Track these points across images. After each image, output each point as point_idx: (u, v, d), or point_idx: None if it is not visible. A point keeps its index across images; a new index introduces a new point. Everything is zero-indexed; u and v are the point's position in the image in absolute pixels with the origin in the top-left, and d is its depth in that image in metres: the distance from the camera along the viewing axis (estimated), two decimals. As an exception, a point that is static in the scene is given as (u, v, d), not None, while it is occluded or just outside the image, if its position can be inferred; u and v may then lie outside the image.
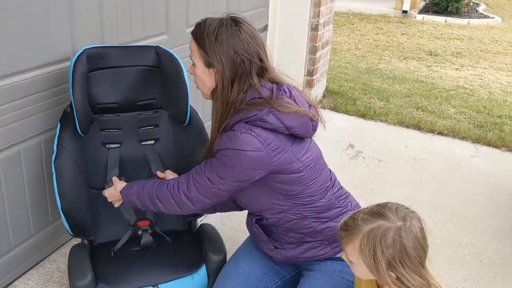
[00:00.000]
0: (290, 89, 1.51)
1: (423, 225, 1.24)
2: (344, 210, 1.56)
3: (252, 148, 1.38)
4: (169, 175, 1.79)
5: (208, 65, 1.47)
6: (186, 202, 1.51)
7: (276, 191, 1.48)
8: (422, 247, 1.21)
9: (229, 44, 1.43)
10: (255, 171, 1.40)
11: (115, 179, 1.76)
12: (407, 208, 1.26)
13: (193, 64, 1.52)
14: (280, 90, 1.49)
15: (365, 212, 1.25)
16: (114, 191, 1.70)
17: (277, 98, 1.45)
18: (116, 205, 1.75)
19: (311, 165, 1.48)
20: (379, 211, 1.24)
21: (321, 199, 1.52)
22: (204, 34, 1.46)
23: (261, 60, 1.49)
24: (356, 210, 1.29)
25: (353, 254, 1.25)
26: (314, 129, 1.50)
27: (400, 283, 1.20)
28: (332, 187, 1.57)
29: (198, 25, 1.50)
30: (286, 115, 1.41)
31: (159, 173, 1.84)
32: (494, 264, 2.33)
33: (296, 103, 1.46)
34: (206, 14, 2.97)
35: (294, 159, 1.43)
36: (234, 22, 1.47)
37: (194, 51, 1.50)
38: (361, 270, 1.26)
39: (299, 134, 1.45)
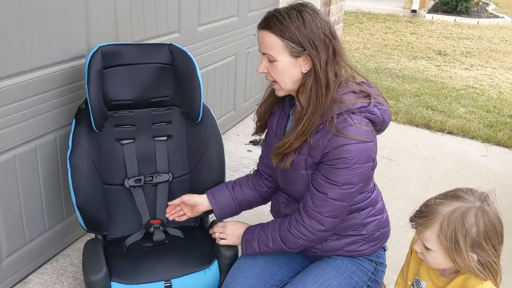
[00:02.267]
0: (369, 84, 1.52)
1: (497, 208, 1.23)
2: (383, 206, 1.62)
3: (369, 138, 1.38)
4: (186, 197, 1.75)
5: (298, 54, 1.37)
6: (322, 235, 1.48)
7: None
8: (501, 224, 1.21)
9: (317, 26, 1.35)
10: (372, 162, 1.42)
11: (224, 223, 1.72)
12: (480, 191, 1.25)
13: (270, 61, 1.41)
14: (364, 83, 1.50)
15: (439, 198, 1.25)
16: (234, 232, 1.65)
17: (370, 87, 1.47)
18: (222, 242, 1.69)
19: None
20: (454, 194, 1.23)
21: (372, 192, 1.57)
22: (287, 22, 1.35)
23: (339, 46, 1.42)
24: (428, 199, 1.28)
25: (431, 240, 1.22)
26: None
27: (480, 265, 1.18)
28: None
29: (274, 17, 1.38)
30: (385, 110, 1.44)
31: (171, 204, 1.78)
32: (505, 263, 2.31)
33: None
34: (218, 13, 3.01)
35: None
36: (308, 7, 1.39)
37: (274, 45, 1.38)
38: (438, 258, 1.24)
39: (380, 130, 1.47)
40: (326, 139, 1.38)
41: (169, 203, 1.78)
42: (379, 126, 1.45)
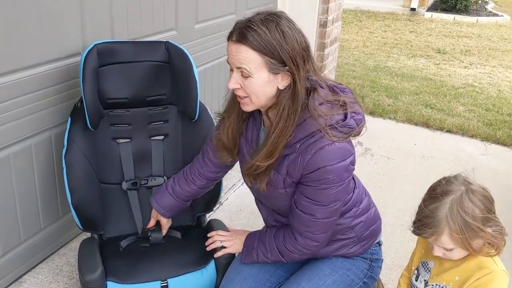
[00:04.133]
0: (345, 89, 1.43)
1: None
2: (369, 201, 1.58)
3: (349, 153, 1.32)
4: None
5: (277, 71, 1.26)
6: (316, 249, 1.47)
7: None
8: (488, 191, 1.28)
9: (297, 40, 1.25)
10: (353, 171, 1.38)
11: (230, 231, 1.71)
12: (454, 176, 1.30)
13: (244, 76, 1.28)
14: (337, 88, 1.40)
15: (429, 204, 1.28)
16: (238, 239, 1.64)
17: (344, 93, 1.38)
18: (224, 251, 1.67)
19: None
20: (440, 193, 1.27)
21: (353, 192, 1.51)
22: (267, 37, 1.23)
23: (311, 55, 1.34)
24: (418, 210, 1.31)
25: (448, 243, 1.26)
26: None
27: (497, 233, 1.26)
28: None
29: (251, 29, 1.24)
30: (360, 120, 1.35)
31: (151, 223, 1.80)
32: (504, 263, 2.30)
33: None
34: (215, 10, 2.99)
35: None
36: (282, 17, 1.28)
37: (252, 61, 1.25)
38: (460, 251, 1.29)
39: (355, 138, 1.39)
40: (305, 159, 1.30)
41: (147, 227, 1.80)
42: (355, 136, 1.37)
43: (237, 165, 1.62)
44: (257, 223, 2.37)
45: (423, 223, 1.28)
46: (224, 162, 1.59)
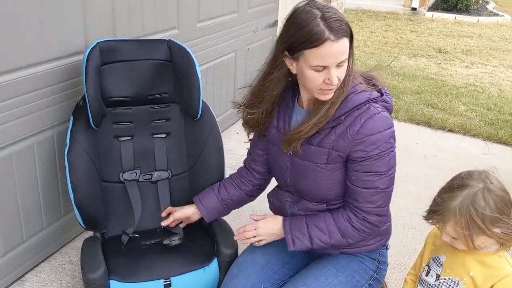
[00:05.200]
0: None
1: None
2: None
3: (392, 123, 1.41)
4: (177, 214, 1.78)
5: (349, 55, 1.38)
6: (383, 223, 1.52)
7: None
8: (508, 194, 1.26)
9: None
10: None
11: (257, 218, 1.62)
12: (478, 171, 1.28)
13: (340, 66, 1.35)
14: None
15: (444, 192, 1.29)
16: (270, 231, 1.58)
17: (370, 74, 1.50)
18: (260, 244, 1.60)
19: None
20: (458, 185, 1.26)
21: None
22: (344, 19, 1.34)
23: None
24: (435, 196, 1.32)
25: (453, 232, 1.27)
26: None
27: (507, 235, 1.24)
28: None
29: (342, 21, 1.33)
30: (391, 98, 1.47)
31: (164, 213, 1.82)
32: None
33: None
34: (217, 9, 2.99)
35: None
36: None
37: (347, 48, 1.36)
38: (465, 242, 1.29)
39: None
40: (354, 130, 1.37)
41: (162, 224, 1.79)
42: (389, 111, 1.46)
43: (236, 165, 1.61)
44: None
45: (433, 209, 1.29)
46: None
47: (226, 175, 1.91)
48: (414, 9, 9.58)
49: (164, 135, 1.95)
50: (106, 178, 1.84)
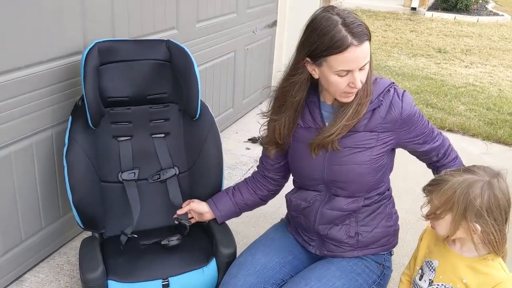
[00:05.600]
0: None
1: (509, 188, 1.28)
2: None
3: None
4: (195, 205, 1.80)
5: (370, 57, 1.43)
6: None
7: (389, 168, 1.61)
8: (509, 203, 1.26)
9: None
10: None
11: None
12: (491, 168, 1.31)
13: (363, 69, 1.39)
14: None
15: (453, 170, 1.32)
16: None
17: None
18: None
19: None
20: (467, 169, 1.30)
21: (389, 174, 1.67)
22: (363, 22, 1.39)
23: None
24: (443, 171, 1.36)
25: (440, 207, 1.27)
26: None
27: (484, 235, 1.24)
28: None
29: (359, 26, 1.36)
30: None
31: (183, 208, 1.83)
32: (506, 262, 2.31)
33: None
34: (216, 9, 2.99)
35: None
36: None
37: (369, 50, 1.39)
38: (445, 225, 1.29)
39: None
40: (399, 106, 1.46)
41: (178, 211, 1.82)
42: None
43: (236, 165, 1.61)
44: (254, 223, 2.37)
45: (434, 179, 1.33)
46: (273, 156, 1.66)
47: (225, 175, 1.91)
48: (413, 9, 9.58)
49: (163, 135, 1.95)
50: (104, 178, 1.84)
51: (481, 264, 1.29)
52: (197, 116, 1.89)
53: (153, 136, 1.94)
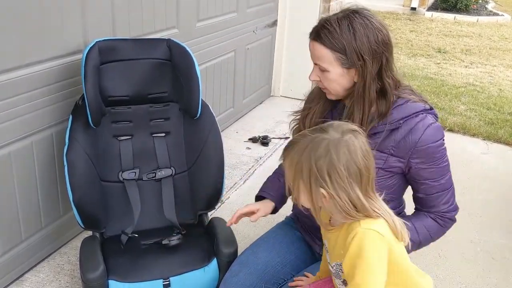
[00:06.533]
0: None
1: (367, 146, 1.15)
2: None
3: (443, 133, 1.48)
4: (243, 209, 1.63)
5: (349, 66, 1.38)
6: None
7: (403, 188, 1.58)
8: (356, 164, 1.11)
9: (368, 37, 1.35)
10: None
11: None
12: (354, 126, 1.17)
13: (321, 70, 1.42)
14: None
15: (308, 130, 1.20)
16: None
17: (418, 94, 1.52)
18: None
19: None
20: (321, 127, 1.17)
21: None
22: (338, 35, 1.35)
23: (392, 51, 1.44)
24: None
25: (292, 176, 1.17)
26: None
27: (334, 202, 1.12)
28: None
29: (324, 28, 1.37)
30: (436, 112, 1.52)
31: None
32: (506, 261, 2.31)
33: None
34: (216, 8, 2.98)
35: None
36: (359, 14, 1.38)
37: (325, 57, 1.38)
38: (304, 196, 1.18)
39: None
40: (417, 136, 1.41)
41: (228, 224, 1.67)
42: None
43: (236, 164, 1.60)
44: (259, 221, 2.36)
45: (291, 140, 1.21)
46: None
47: (226, 174, 1.91)
48: (413, 8, 9.57)
49: (163, 134, 1.95)
50: (105, 177, 1.84)
51: (345, 230, 1.17)
52: (198, 115, 1.89)
53: (153, 135, 1.93)
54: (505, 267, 2.26)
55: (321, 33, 1.38)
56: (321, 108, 1.55)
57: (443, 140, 1.47)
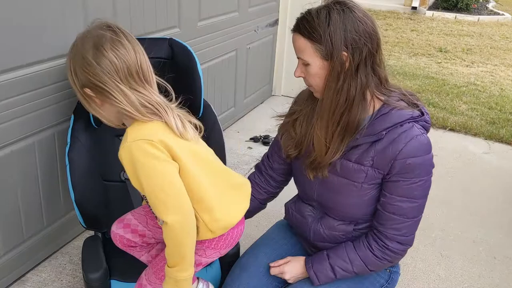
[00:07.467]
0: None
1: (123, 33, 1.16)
2: None
3: (431, 150, 1.34)
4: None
5: (327, 57, 1.29)
6: (406, 252, 1.44)
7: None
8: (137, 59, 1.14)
9: (346, 27, 1.27)
10: None
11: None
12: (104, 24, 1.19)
13: (304, 64, 1.34)
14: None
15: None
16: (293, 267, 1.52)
17: (407, 92, 1.41)
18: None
19: None
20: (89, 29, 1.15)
21: None
22: (315, 24, 1.28)
23: (378, 45, 1.33)
24: None
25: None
26: None
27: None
28: None
29: (303, 19, 1.33)
30: (429, 117, 1.40)
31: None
32: (508, 260, 2.31)
33: None
34: (218, 8, 2.98)
35: None
36: (340, 4, 1.30)
37: (305, 48, 1.32)
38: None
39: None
40: (398, 148, 1.30)
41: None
42: (427, 131, 1.39)
43: (237, 164, 1.60)
44: (257, 222, 2.36)
45: None
46: (288, 158, 1.56)
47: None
48: (414, 8, 9.57)
49: (165, 134, 1.94)
50: (107, 177, 1.83)
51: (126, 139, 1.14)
52: (200, 114, 1.88)
53: (155, 135, 1.92)
54: (507, 267, 2.26)
55: (300, 24, 1.33)
56: (310, 114, 1.46)
57: (429, 156, 1.33)
